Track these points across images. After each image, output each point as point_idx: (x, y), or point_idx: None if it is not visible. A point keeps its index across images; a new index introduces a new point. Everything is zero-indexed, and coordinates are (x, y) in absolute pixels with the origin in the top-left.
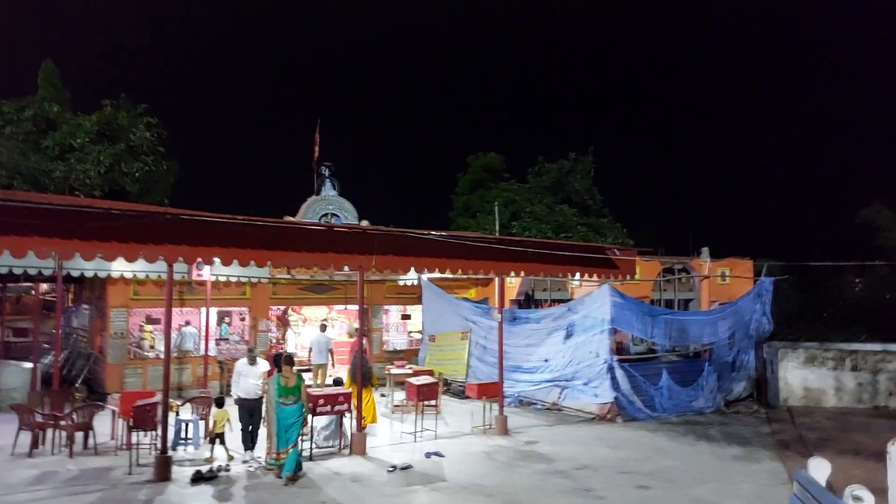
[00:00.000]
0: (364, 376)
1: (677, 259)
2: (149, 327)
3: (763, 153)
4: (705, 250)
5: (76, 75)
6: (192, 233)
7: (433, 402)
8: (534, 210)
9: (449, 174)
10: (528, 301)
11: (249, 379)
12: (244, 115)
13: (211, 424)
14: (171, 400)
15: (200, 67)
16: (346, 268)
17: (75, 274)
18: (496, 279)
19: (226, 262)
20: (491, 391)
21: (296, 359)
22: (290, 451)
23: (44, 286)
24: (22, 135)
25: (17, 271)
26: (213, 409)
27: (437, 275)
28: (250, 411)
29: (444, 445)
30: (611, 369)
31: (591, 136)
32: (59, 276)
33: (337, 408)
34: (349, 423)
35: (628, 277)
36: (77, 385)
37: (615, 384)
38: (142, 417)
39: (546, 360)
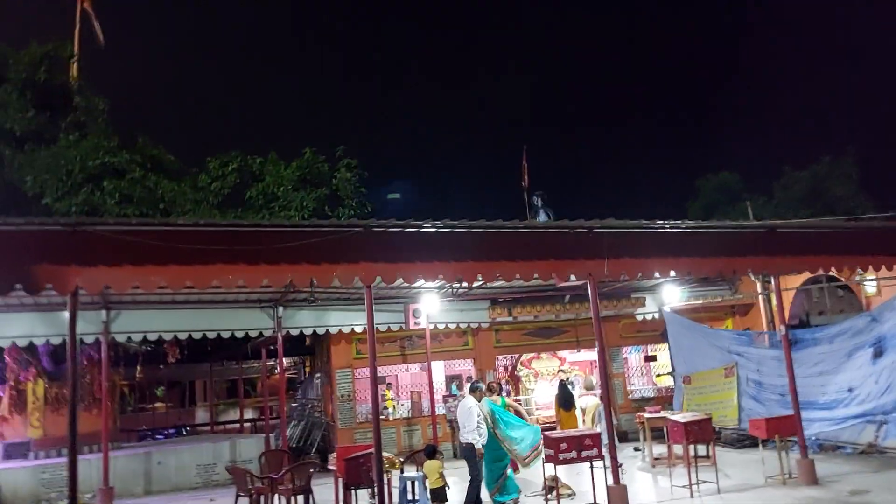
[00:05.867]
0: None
1: None
2: (390, 393)
3: None
4: None
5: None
6: (389, 248)
7: (705, 453)
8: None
9: (677, 205)
10: (802, 328)
11: (462, 419)
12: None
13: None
14: (390, 455)
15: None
16: (572, 277)
17: (294, 333)
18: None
19: (429, 277)
20: (786, 427)
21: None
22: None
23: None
24: (228, 189)
25: (239, 335)
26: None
27: (681, 304)
28: (466, 460)
29: (734, 501)
30: None
31: (847, 134)
32: (279, 335)
33: (584, 453)
34: (602, 473)
35: None
36: (311, 454)
37: None
38: (355, 472)
39: (850, 390)
